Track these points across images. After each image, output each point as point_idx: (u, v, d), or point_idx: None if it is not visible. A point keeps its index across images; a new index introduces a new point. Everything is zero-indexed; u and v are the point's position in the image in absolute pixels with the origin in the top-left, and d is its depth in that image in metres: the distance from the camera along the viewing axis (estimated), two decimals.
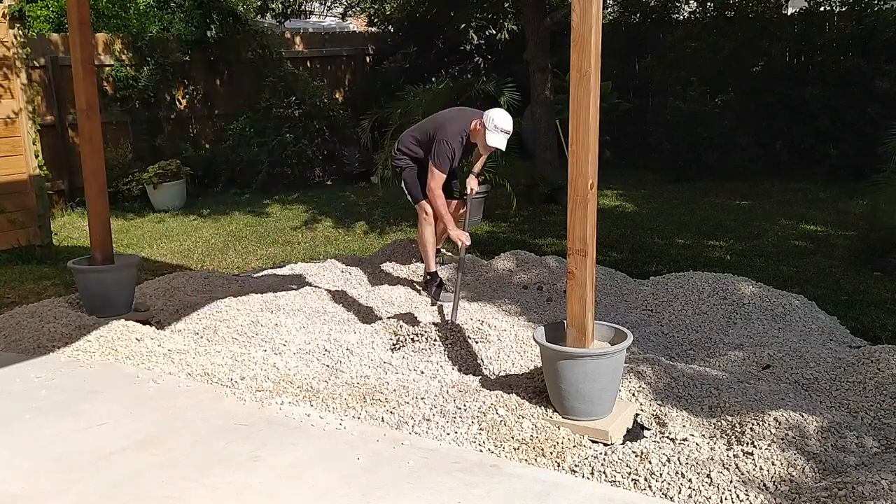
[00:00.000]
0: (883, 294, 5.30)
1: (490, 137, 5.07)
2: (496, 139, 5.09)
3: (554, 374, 3.35)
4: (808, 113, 9.48)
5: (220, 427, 3.46)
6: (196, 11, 10.18)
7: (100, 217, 5.08)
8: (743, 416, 3.25)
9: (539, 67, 8.98)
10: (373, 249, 6.77)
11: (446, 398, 3.64)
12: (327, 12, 15.62)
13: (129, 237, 7.86)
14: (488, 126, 5.06)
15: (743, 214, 7.90)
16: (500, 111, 5.14)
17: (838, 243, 6.64)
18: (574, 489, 2.90)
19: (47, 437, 3.41)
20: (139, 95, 9.76)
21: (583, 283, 3.30)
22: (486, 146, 5.19)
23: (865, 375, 3.72)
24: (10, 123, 6.69)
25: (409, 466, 3.07)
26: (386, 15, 12.73)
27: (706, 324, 4.66)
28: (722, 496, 2.78)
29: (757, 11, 10.39)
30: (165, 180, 9.16)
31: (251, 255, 7.10)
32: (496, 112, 5.12)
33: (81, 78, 4.93)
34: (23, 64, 6.77)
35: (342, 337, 4.45)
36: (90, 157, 5.02)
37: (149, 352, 4.30)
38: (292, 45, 11.78)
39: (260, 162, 9.92)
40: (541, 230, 7.57)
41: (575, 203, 3.26)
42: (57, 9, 9.61)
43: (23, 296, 5.70)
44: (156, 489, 2.97)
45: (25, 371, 4.13)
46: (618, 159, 11.16)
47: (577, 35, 3.13)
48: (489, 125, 5.06)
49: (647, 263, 6.24)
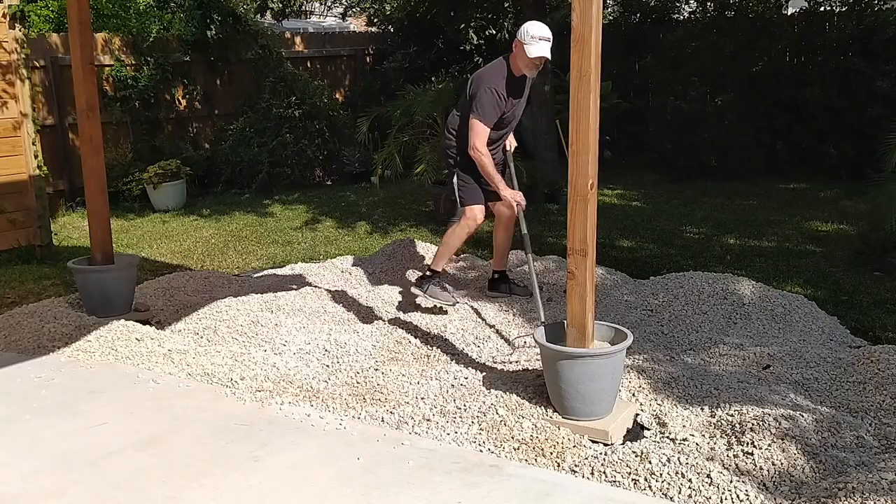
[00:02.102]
0: (883, 294, 5.30)
1: (531, 50, 4.51)
2: (538, 48, 4.51)
3: (554, 375, 3.35)
4: (809, 113, 9.47)
5: (220, 427, 3.46)
6: (196, 11, 10.18)
7: (100, 217, 5.08)
8: (743, 416, 3.25)
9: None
10: (373, 249, 6.77)
11: (446, 398, 3.64)
12: (327, 12, 15.63)
13: (129, 237, 7.86)
14: (525, 40, 4.52)
15: (743, 214, 7.89)
16: (531, 22, 4.62)
17: (838, 243, 6.64)
18: (574, 489, 2.90)
19: (47, 437, 3.41)
20: (139, 95, 9.75)
21: (583, 283, 3.30)
22: (530, 63, 4.61)
23: (865, 375, 3.72)
24: (13, 125, 6.68)
25: (409, 466, 3.07)
26: (386, 15, 12.73)
27: (706, 324, 4.66)
28: (722, 496, 2.78)
29: (757, 11, 10.38)
30: (165, 180, 9.16)
31: (251, 255, 7.10)
32: (528, 24, 4.59)
33: (81, 78, 4.93)
34: (23, 64, 6.77)
35: (342, 337, 4.45)
36: (90, 158, 5.02)
37: (149, 352, 4.30)
38: (292, 45, 11.78)
39: (260, 162, 9.92)
40: (541, 230, 7.57)
41: (575, 203, 3.26)
42: (57, 9, 9.60)
43: (23, 296, 5.70)
44: (156, 489, 2.97)
45: (25, 371, 4.13)
46: (618, 159, 11.15)
47: (577, 35, 3.13)
48: (525, 39, 4.51)
49: (647, 263, 6.24)
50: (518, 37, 4.58)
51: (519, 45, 4.57)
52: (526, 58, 4.57)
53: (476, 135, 4.56)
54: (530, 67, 4.66)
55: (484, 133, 4.57)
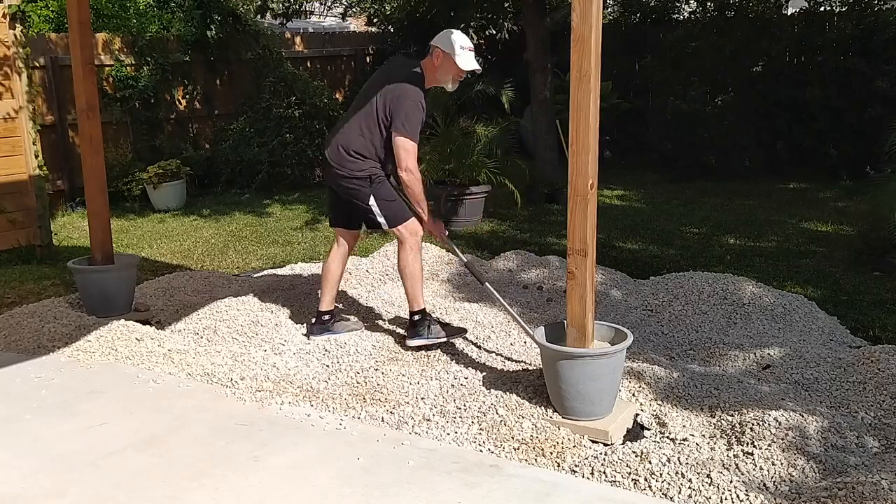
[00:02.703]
0: (883, 294, 5.30)
1: (462, 61, 4.17)
2: (469, 59, 4.20)
3: (554, 375, 3.35)
4: (809, 113, 9.47)
5: (220, 427, 3.46)
6: (196, 11, 10.18)
7: (100, 217, 5.08)
8: (743, 416, 3.25)
9: (539, 67, 8.98)
10: (373, 250, 6.76)
11: (446, 398, 3.64)
12: (327, 12, 15.62)
13: (129, 237, 7.86)
14: (455, 51, 4.16)
15: (743, 214, 7.89)
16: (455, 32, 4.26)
17: (838, 243, 6.64)
18: (574, 489, 2.90)
19: (47, 437, 3.41)
20: (139, 95, 9.75)
21: (583, 283, 3.30)
22: (458, 74, 4.26)
23: (865, 375, 3.72)
24: (10, 123, 6.68)
25: (409, 466, 3.07)
26: (386, 15, 12.73)
27: (706, 324, 4.66)
28: (722, 496, 2.78)
29: (757, 11, 10.39)
30: (165, 180, 9.16)
31: (251, 255, 7.10)
32: (453, 33, 4.23)
33: (81, 78, 4.93)
34: (23, 64, 6.77)
35: (342, 337, 4.46)
36: (90, 157, 5.02)
37: (149, 352, 4.30)
38: (292, 45, 11.78)
39: (260, 162, 9.92)
40: (541, 230, 7.57)
41: (575, 203, 3.26)
42: (57, 9, 9.59)
43: (23, 296, 5.70)
44: (156, 489, 2.97)
45: (25, 371, 4.13)
46: (618, 159, 11.15)
47: (577, 35, 3.13)
48: (455, 49, 4.16)
49: (647, 263, 6.24)
50: (442, 47, 4.20)
51: (444, 55, 4.19)
52: (455, 69, 4.21)
53: (409, 155, 4.11)
54: (454, 80, 4.30)
55: (415, 152, 4.15)
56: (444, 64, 4.22)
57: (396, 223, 4.29)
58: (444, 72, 4.24)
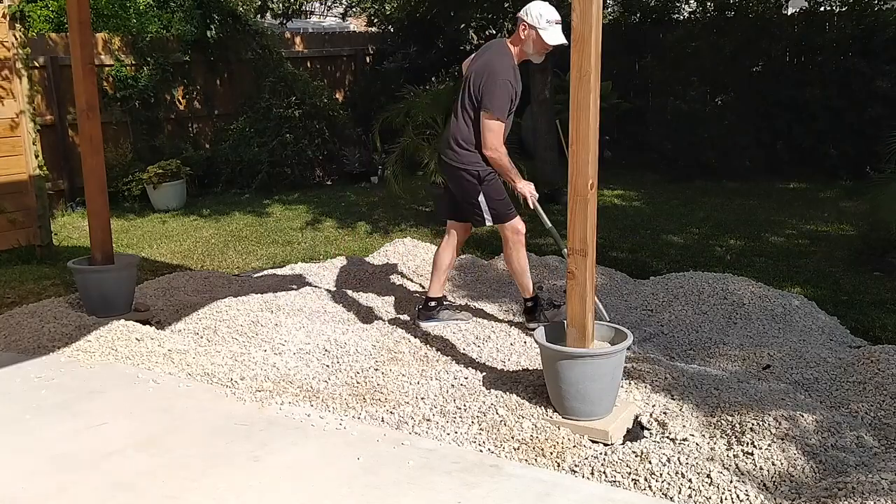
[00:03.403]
0: (883, 294, 5.30)
1: (548, 36, 4.13)
2: (556, 34, 4.14)
3: (554, 374, 3.35)
4: (809, 113, 9.47)
5: (220, 427, 3.46)
6: (196, 11, 10.18)
7: (100, 217, 5.08)
8: (743, 416, 3.25)
9: (539, 67, 8.96)
10: (373, 250, 6.77)
11: (446, 398, 3.64)
12: (327, 12, 15.62)
13: (129, 237, 7.86)
14: (541, 25, 4.11)
15: (743, 214, 7.89)
16: (541, 4, 4.17)
17: (838, 243, 6.64)
18: (574, 489, 2.90)
19: (47, 438, 3.41)
20: (139, 95, 9.75)
21: (583, 283, 3.30)
22: (543, 49, 4.21)
23: (865, 375, 3.72)
24: (10, 124, 6.69)
25: (409, 466, 3.07)
26: (386, 15, 12.73)
27: (706, 324, 4.66)
28: (722, 496, 2.78)
29: (757, 11, 10.39)
30: (165, 180, 9.16)
31: (251, 255, 7.10)
32: (538, 6, 4.15)
33: (81, 78, 4.93)
34: (23, 64, 6.77)
35: (342, 337, 4.46)
36: (90, 157, 5.02)
37: (149, 352, 4.30)
38: (292, 45, 11.78)
39: (260, 162, 9.92)
40: (541, 230, 7.56)
41: (575, 203, 3.26)
42: (57, 9, 9.59)
43: (23, 296, 5.70)
44: (156, 489, 2.97)
45: (25, 371, 4.13)
46: (618, 159, 11.15)
47: (577, 35, 3.13)
48: (541, 23, 4.11)
49: (647, 263, 6.24)
50: (529, 20, 4.15)
51: (531, 30, 4.15)
52: (541, 44, 4.17)
53: (495, 134, 4.19)
54: (541, 54, 4.29)
55: (501, 130, 4.21)
56: (529, 37, 4.21)
57: (500, 221, 4.47)
58: (531, 46, 4.24)
